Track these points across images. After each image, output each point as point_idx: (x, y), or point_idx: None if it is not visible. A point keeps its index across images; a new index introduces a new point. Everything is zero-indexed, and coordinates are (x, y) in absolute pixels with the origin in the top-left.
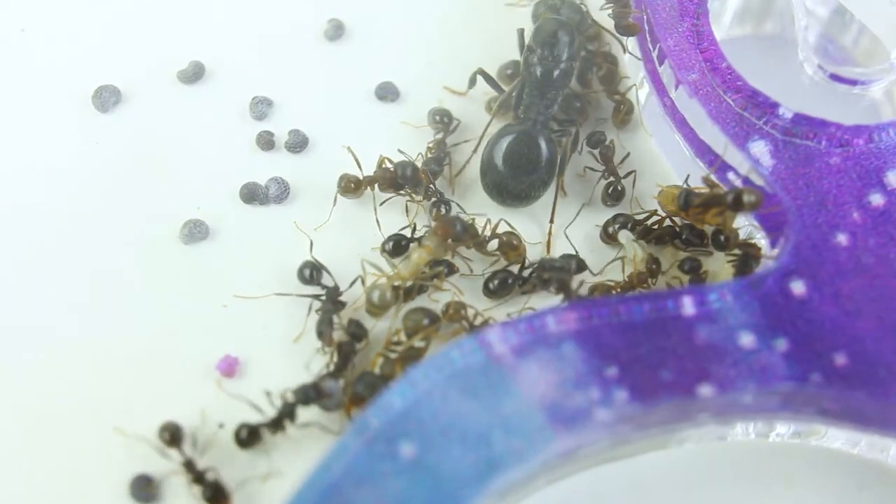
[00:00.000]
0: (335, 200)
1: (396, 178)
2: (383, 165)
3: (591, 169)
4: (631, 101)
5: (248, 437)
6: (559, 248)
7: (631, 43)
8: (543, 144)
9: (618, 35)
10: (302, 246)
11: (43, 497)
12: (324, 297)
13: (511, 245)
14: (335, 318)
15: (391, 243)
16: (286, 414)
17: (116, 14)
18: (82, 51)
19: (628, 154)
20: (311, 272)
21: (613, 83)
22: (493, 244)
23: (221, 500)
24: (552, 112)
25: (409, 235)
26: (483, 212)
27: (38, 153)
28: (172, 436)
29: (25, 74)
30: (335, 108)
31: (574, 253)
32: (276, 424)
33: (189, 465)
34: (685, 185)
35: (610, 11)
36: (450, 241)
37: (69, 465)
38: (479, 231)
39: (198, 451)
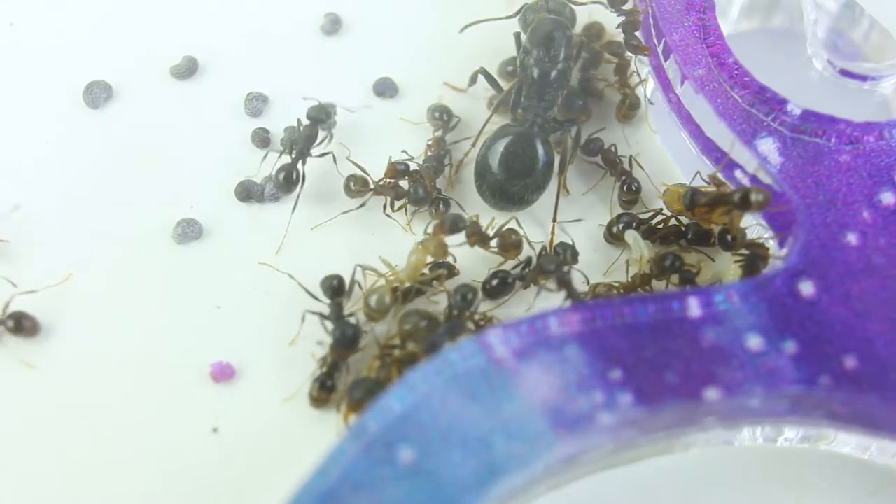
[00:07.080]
0: (350, 210)
1: (407, 195)
2: (391, 173)
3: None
4: (637, 96)
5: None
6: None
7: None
8: (540, 147)
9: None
10: (298, 246)
11: (39, 496)
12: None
13: (511, 242)
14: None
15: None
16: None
17: (108, 8)
18: (73, 45)
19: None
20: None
21: (624, 75)
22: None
23: None
24: (552, 114)
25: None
26: (482, 211)
27: (28, 150)
28: None
29: (15, 69)
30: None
31: (569, 243)
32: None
33: None
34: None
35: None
36: (451, 235)
37: (63, 465)
38: (483, 229)
39: None
